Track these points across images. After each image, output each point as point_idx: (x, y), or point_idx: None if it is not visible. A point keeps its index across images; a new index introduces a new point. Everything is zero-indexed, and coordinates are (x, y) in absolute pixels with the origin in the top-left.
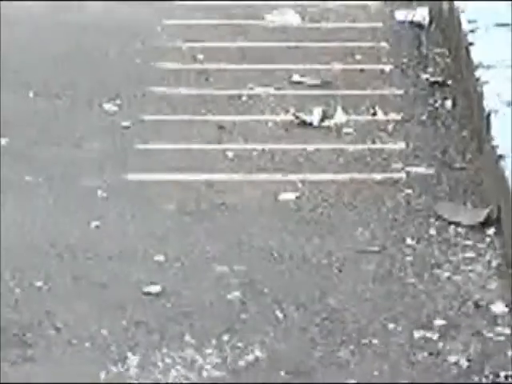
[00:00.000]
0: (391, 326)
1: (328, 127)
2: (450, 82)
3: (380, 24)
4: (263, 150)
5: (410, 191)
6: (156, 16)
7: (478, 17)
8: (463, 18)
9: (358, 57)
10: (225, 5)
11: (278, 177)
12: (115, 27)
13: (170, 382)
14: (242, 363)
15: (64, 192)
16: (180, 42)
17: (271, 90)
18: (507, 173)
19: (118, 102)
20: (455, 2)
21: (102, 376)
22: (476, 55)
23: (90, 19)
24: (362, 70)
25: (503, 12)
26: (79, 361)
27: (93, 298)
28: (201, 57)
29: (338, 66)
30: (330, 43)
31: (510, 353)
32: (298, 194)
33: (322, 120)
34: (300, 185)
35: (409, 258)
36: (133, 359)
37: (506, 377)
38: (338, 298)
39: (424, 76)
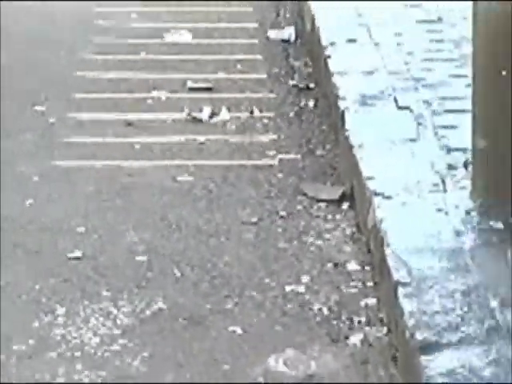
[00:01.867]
0: (267, 281)
1: (215, 123)
2: (312, 87)
3: (256, 41)
4: (163, 141)
5: (281, 174)
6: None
7: (334, 34)
8: (322, 36)
9: (239, 67)
10: (131, 25)
11: (176, 162)
12: (46, 41)
13: (90, 328)
14: (148, 312)
15: (2, 176)
16: (96, 55)
17: (169, 94)
18: (358, 158)
19: (48, 103)
20: (316, 23)
21: (36, 324)
22: (332, 65)
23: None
24: (242, 78)
25: (353, 30)
26: (17, 311)
27: (28, 262)
28: (113, 67)
29: (223, 75)
30: (216, 56)
31: (362, 302)
32: (192, 176)
33: (211, 117)
34: (193, 169)
35: (280, 228)
36: (60, 310)
37: (359, 321)
38: (225, 260)
39: (291, 82)
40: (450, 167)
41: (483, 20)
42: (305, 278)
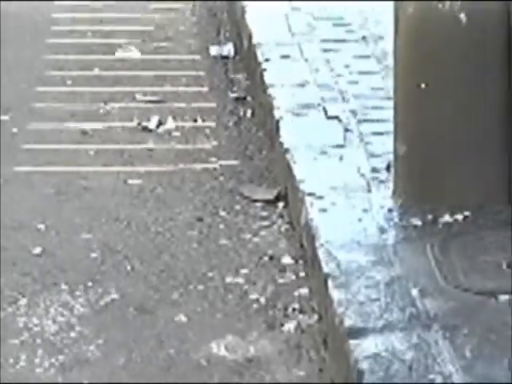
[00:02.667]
0: (209, 274)
1: (162, 131)
2: (249, 98)
3: (198, 57)
4: (115, 148)
5: (221, 178)
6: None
7: (268, 51)
8: (258, 52)
9: (183, 80)
10: (85, 42)
11: (127, 167)
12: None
13: (49, 317)
14: (102, 303)
15: None
16: (53, 71)
17: (121, 105)
18: (291, 162)
19: (10, 114)
20: (252, 40)
21: (1, 314)
22: (267, 78)
23: None
24: (186, 90)
25: (286, 47)
26: None
27: None
28: (69, 82)
29: (169, 87)
30: (163, 71)
31: (295, 293)
32: (141, 179)
33: (158, 126)
34: (143, 173)
35: (222, 226)
36: (22, 301)
37: (293, 310)
38: (171, 255)
39: (231, 94)
40: (374, 170)
41: (403, 36)
42: (243, 271)
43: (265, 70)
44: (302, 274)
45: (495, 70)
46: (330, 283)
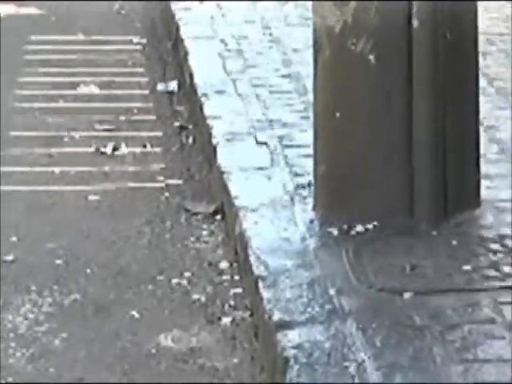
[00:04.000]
0: (158, 277)
1: (117, 156)
2: (191, 127)
3: (147, 92)
4: (77, 170)
5: (168, 194)
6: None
7: (207, 87)
8: (198, 88)
9: (135, 111)
10: (52, 81)
11: (87, 186)
12: None
13: (21, 314)
14: (66, 302)
15: None
16: (24, 103)
17: (82, 133)
18: (227, 181)
19: None
20: (193, 78)
21: None
22: (206, 110)
23: None
24: (137, 120)
25: (222, 84)
26: None
27: None
28: (37, 113)
29: (122, 118)
30: (118, 104)
31: (231, 292)
32: (99, 196)
33: (113, 151)
34: (101, 191)
35: (168, 235)
36: None
37: (229, 307)
38: (125, 260)
39: (175, 123)
40: (298, 187)
41: (321, 74)
42: (187, 274)
43: (204, 103)
44: (237, 277)
45: (398, 98)
46: (260, 284)
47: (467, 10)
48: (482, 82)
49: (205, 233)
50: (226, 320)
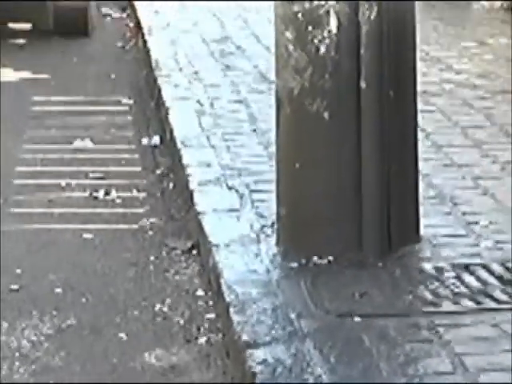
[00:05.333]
0: (143, 303)
1: (108, 200)
2: (171, 175)
3: (134, 146)
4: (73, 211)
5: (151, 232)
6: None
7: (186, 140)
8: (178, 141)
9: (123, 162)
10: (52, 135)
11: (82, 226)
12: None
13: (24, 336)
14: (64, 326)
15: None
16: (28, 155)
17: (78, 181)
18: (202, 221)
19: None
20: (173, 133)
21: None
22: (184, 160)
23: None
24: (124, 170)
25: (198, 137)
26: None
27: None
28: (40, 163)
29: (112, 168)
30: (108, 155)
31: (206, 316)
32: (92, 234)
33: (104, 196)
34: (94, 229)
35: (151, 267)
36: (4, 324)
37: (204, 329)
38: (115, 289)
39: (158, 172)
40: (263, 227)
41: (283, 129)
42: (168, 300)
43: (182, 154)
44: (211, 303)
45: (349, 149)
46: (231, 309)
47: (408, 73)
48: (420, 135)
49: (183, 265)
50: (201, 340)
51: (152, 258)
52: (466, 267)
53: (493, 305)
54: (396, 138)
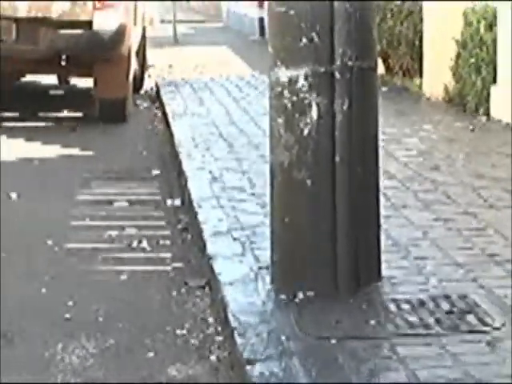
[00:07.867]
0: (166, 328)
1: (140, 247)
2: (189, 228)
3: (160, 206)
4: (113, 256)
5: (173, 273)
6: None
7: (201, 201)
8: (194, 202)
9: (152, 218)
10: (95, 199)
11: (120, 267)
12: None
13: (75, 354)
14: (105, 346)
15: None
16: (75, 221)
17: (117, 233)
18: (213, 264)
19: (52, 239)
20: (191, 196)
21: (47, 354)
22: (200, 216)
23: None
24: (153, 224)
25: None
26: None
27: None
28: (87, 223)
29: (142, 223)
30: (140, 213)
31: (216, 339)
32: (127, 275)
33: (138, 244)
34: (129, 270)
35: (173, 300)
36: (60, 345)
37: (215, 348)
38: (144, 317)
39: (179, 226)
40: (260, 268)
41: (276, 193)
42: (186, 326)
43: (198, 213)
44: (220, 328)
45: (326, 208)
46: (235, 333)
47: (372, 155)
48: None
49: (198, 299)
50: (212, 357)
51: (174, 293)
52: (418, 300)
53: (440, 330)
54: (362, 201)
